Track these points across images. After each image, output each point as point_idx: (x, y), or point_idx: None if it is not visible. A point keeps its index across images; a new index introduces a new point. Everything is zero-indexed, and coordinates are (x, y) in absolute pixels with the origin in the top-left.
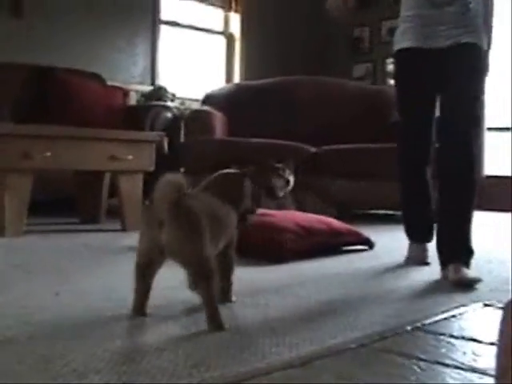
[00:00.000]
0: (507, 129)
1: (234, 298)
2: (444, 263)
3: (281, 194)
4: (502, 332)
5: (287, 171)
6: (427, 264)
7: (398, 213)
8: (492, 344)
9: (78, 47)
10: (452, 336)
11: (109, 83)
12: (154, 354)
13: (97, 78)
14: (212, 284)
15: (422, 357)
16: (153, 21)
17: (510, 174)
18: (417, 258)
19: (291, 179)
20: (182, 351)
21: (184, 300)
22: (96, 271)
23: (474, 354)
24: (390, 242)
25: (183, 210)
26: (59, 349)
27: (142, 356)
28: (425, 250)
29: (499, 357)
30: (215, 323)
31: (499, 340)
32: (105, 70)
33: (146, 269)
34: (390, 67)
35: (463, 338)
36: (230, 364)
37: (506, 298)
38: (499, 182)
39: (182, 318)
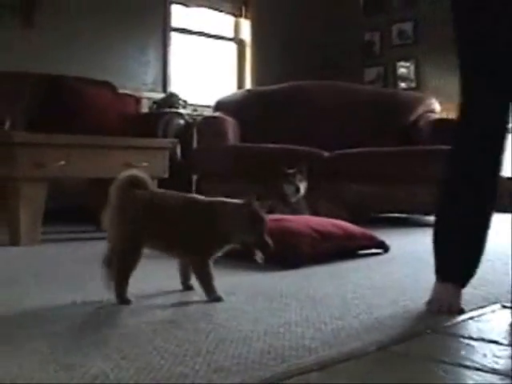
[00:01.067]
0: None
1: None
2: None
3: (293, 199)
4: None
5: (298, 177)
6: (461, 312)
7: (412, 216)
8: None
9: (90, 56)
10: (471, 338)
11: (121, 91)
12: (175, 361)
13: (108, 86)
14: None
15: (443, 359)
16: (164, 28)
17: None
18: (445, 302)
19: (302, 185)
20: (202, 358)
21: (199, 302)
22: None
23: (494, 355)
24: (405, 245)
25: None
26: (80, 357)
27: (161, 363)
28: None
29: None
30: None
31: None
32: (116, 78)
33: None
34: (401, 70)
35: (483, 339)
36: (250, 369)
37: None
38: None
39: (200, 324)
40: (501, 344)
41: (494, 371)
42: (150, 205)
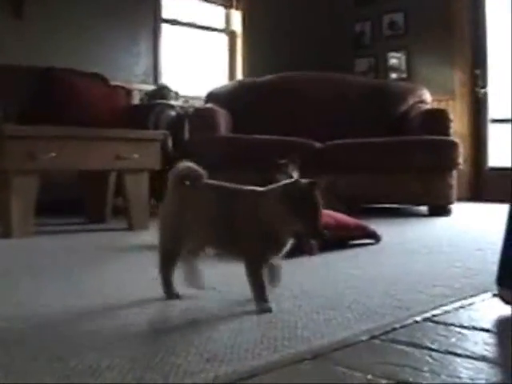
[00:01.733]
0: (510, 120)
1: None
2: None
3: None
4: None
5: (291, 167)
6: None
7: (404, 206)
8: (502, 333)
9: (80, 47)
10: (462, 326)
11: (112, 83)
12: (168, 351)
13: (99, 77)
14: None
15: (434, 347)
16: (154, 19)
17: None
18: None
19: (295, 175)
20: (195, 347)
21: (191, 296)
22: (104, 270)
23: (484, 343)
24: (396, 236)
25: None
26: (73, 347)
27: (155, 353)
28: None
29: None
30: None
31: None
32: (107, 70)
33: None
34: (393, 61)
35: (473, 328)
36: (243, 358)
37: None
38: (502, 174)
39: (191, 314)
40: (491, 332)
41: (484, 359)
42: (192, 198)
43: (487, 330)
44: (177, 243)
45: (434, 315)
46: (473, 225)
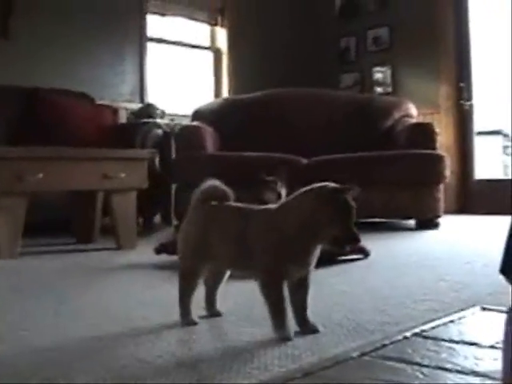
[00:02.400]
0: (496, 132)
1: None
2: None
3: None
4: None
5: (279, 184)
6: None
7: (391, 220)
8: (493, 347)
9: (67, 67)
10: (452, 341)
11: (98, 102)
12: (157, 373)
13: (85, 97)
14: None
15: (424, 363)
16: (140, 38)
17: (498, 178)
18: None
19: (283, 192)
20: (185, 368)
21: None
22: (93, 290)
23: (475, 357)
24: (384, 251)
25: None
26: (62, 369)
27: (142, 375)
28: None
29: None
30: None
31: (505, 342)
32: (93, 89)
33: None
34: (378, 75)
35: (463, 342)
36: (234, 377)
37: (504, 301)
38: (489, 186)
39: (183, 334)
40: (482, 346)
41: (475, 373)
42: (213, 218)
43: (477, 344)
44: (199, 264)
45: (423, 330)
46: (461, 237)
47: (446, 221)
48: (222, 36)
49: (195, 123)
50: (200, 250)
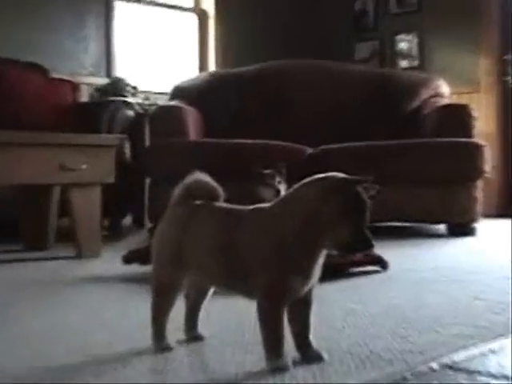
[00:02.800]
0: None
1: None
2: None
3: None
4: None
5: (277, 179)
6: None
7: (417, 225)
8: None
9: (13, 32)
10: (490, 375)
11: (53, 75)
12: None
13: (37, 69)
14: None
15: None
16: None
17: None
18: None
19: (282, 188)
20: None
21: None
22: (44, 310)
23: None
24: (408, 261)
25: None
26: None
27: None
28: None
29: None
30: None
31: None
32: (48, 59)
33: None
34: (401, 45)
35: (503, 376)
36: None
37: None
38: None
39: (152, 361)
40: None
41: None
42: (196, 220)
43: None
44: (177, 275)
45: (453, 361)
46: (501, 247)
47: (485, 226)
48: None
49: (175, 103)
50: (179, 257)
